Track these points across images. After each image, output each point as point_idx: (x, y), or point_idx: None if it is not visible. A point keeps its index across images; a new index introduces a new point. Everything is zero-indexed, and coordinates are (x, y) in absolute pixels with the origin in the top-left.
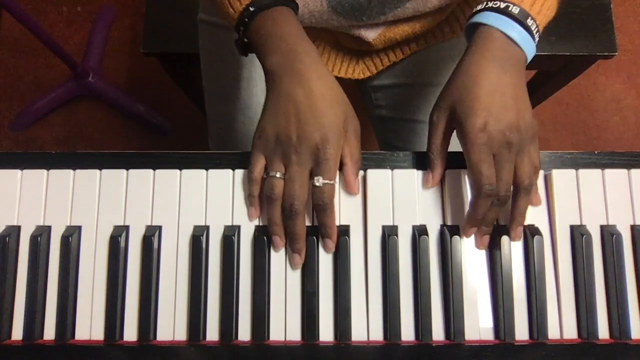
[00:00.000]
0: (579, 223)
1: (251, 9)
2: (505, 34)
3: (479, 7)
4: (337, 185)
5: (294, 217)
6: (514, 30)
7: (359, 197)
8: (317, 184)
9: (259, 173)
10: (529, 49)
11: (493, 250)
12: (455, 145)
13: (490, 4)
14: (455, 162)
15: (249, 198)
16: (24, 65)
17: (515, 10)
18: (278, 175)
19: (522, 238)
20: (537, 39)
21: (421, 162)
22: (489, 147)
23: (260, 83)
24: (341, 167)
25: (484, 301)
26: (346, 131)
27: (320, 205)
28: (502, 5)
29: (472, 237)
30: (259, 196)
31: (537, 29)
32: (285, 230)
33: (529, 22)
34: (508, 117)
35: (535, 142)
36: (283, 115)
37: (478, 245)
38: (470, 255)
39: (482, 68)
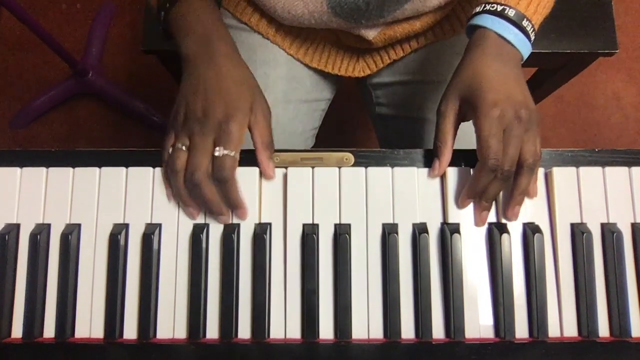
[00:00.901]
0: (579, 221)
1: None
2: (501, 36)
3: (478, 9)
4: (237, 158)
5: (197, 187)
6: (510, 33)
7: (360, 195)
8: (217, 153)
9: (168, 149)
10: (525, 49)
11: (493, 248)
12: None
13: (487, 7)
14: (456, 160)
15: (164, 175)
16: (24, 62)
17: (511, 13)
18: (181, 147)
19: (517, 218)
20: (532, 37)
21: (421, 160)
22: (501, 121)
23: (261, 81)
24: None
25: (484, 299)
26: (255, 114)
27: (220, 178)
28: (499, 8)
29: (472, 237)
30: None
31: (532, 28)
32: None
33: (525, 23)
34: (516, 95)
35: (538, 129)
36: (192, 94)
37: (477, 222)
38: (471, 253)
39: (484, 62)
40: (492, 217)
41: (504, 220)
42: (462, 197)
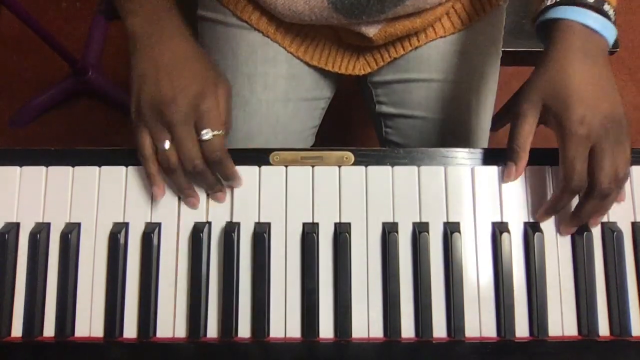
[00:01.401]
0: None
1: None
2: (585, 25)
3: (548, 2)
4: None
5: (200, 175)
6: (594, 20)
7: (360, 194)
8: (205, 137)
9: (149, 148)
10: (611, 34)
11: (494, 247)
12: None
13: None
14: (457, 160)
15: (148, 178)
16: (23, 61)
17: None
18: (167, 145)
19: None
20: (614, 19)
21: (422, 158)
22: (588, 140)
23: (261, 80)
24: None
25: (485, 298)
26: (219, 93)
27: (215, 160)
28: None
29: (472, 235)
30: (159, 172)
31: (613, 11)
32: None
33: (606, 7)
34: (603, 107)
35: (628, 135)
36: (151, 80)
37: (562, 233)
38: (471, 252)
39: (570, 60)
40: (492, 216)
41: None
42: (541, 213)
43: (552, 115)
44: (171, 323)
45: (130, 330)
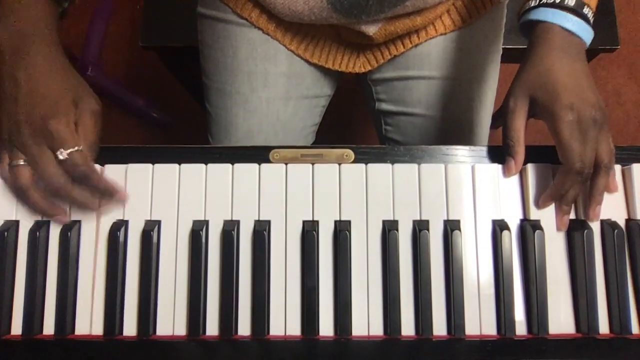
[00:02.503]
0: (579, 217)
1: None
2: (563, 28)
3: (532, 3)
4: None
5: (61, 192)
6: (572, 23)
7: (360, 192)
8: (61, 157)
9: (5, 168)
10: (588, 36)
11: (494, 245)
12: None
13: (544, 0)
14: (458, 157)
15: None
16: None
17: (571, 2)
18: (20, 162)
19: (599, 218)
20: (592, 21)
21: (422, 156)
22: (579, 125)
23: (261, 78)
24: None
25: (485, 296)
26: (80, 112)
27: (80, 176)
28: None
29: (472, 233)
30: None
31: (592, 13)
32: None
33: (585, 10)
34: (589, 96)
35: (609, 126)
36: (9, 101)
37: (559, 226)
38: (471, 250)
39: (553, 58)
40: (492, 214)
41: (582, 217)
42: (543, 198)
43: (542, 105)
44: (171, 321)
45: (130, 328)
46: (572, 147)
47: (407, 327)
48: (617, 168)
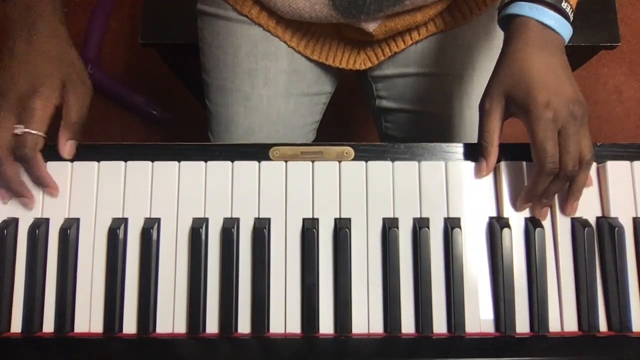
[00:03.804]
0: (580, 215)
1: None
2: (541, 22)
3: None
4: (42, 138)
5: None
6: (550, 18)
7: (360, 190)
8: (17, 132)
9: None
10: (566, 32)
11: (494, 243)
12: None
13: None
14: (458, 155)
15: None
16: None
17: None
18: None
19: (575, 214)
20: (572, 18)
21: (422, 154)
22: (555, 123)
23: (262, 75)
24: None
25: (485, 293)
26: (67, 93)
27: (21, 156)
28: None
29: (473, 231)
30: None
31: (571, 9)
32: None
33: (563, 5)
34: (567, 91)
35: (588, 119)
36: (2, 68)
37: (539, 216)
38: (471, 247)
39: (528, 54)
40: (492, 211)
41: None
42: (520, 200)
43: (518, 104)
44: (171, 319)
45: (129, 325)
46: (545, 147)
47: (407, 325)
48: (621, 165)
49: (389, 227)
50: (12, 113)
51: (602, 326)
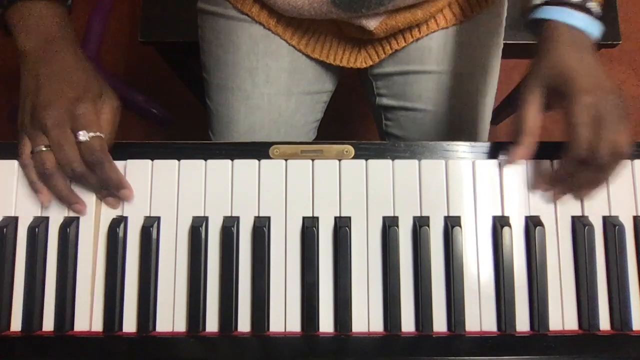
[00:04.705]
0: (580, 214)
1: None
2: (570, 25)
3: (537, 1)
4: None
5: (81, 178)
6: (577, 19)
7: (360, 188)
8: (82, 138)
9: (27, 155)
10: (595, 30)
11: (494, 241)
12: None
13: None
14: (458, 153)
15: (31, 186)
16: None
17: None
18: (43, 148)
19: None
20: (600, 14)
21: (422, 152)
22: (594, 109)
23: (263, 73)
24: None
25: (485, 292)
26: (103, 103)
27: (94, 162)
28: None
29: (473, 229)
30: (39, 179)
31: (599, 4)
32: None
33: (589, 4)
34: (607, 83)
35: (626, 114)
36: (32, 90)
37: (556, 197)
38: (472, 246)
39: (564, 51)
40: (493, 209)
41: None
42: (542, 180)
43: (559, 90)
44: (171, 317)
45: (129, 324)
46: (580, 132)
47: (407, 324)
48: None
49: (389, 225)
50: (64, 127)
51: (603, 325)
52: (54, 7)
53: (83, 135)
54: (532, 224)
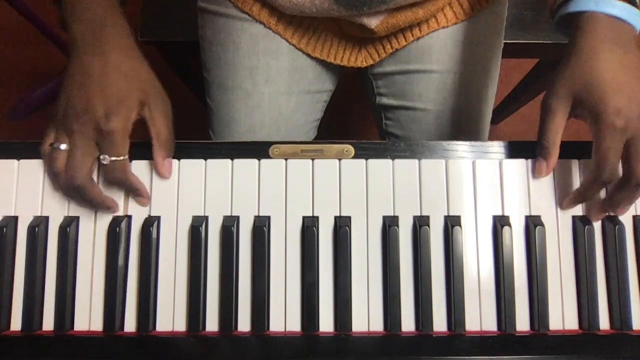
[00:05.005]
0: (581, 214)
1: None
2: (610, 15)
3: None
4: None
5: (79, 191)
6: (618, 8)
7: (360, 188)
8: (104, 162)
9: (46, 148)
10: (636, 20)
11: (494, 241)
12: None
13: None
14: (459, 153)
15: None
16: (21, 54)
17: None
18: (62, 147)
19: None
20: (638, 3)
21: (422, 152)
22: (624, 133)
23: (263, 72)
24: None
25: (485, 292)
26: (150, 110)
27: (114, 181)
28: None
29: (473, 229)
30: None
31: None
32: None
33: None
34: (639, 97)
35: None
36: (74, 86)
37: (593, 218)
38: (472, 245)
39: (599, 51)
40: (493, 209)
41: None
42: (568, 200)
43: (586, 107)
44: (171, 317)
45: (129, 324)
46: (608, 157)
47: (407, 323)
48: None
49: (389, 225)
50: (88, 137)
51: (603, 324)
52: None
53: (105, 160)
54: (533, 223)
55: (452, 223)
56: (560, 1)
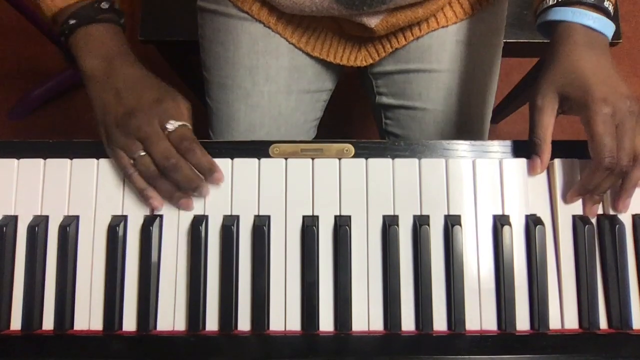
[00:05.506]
0: (581, 212)
1: (71, 22)
2: (585, 26)
3: (549, 2)
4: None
5: (179, 170)
6: (593, 20)
7: (360, 187)
8: (170, 127)
9: (129, 165)
10: (609, 30)
11: (494, 240)
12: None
13: None
14: (458, 152)
15: (142, 194)
16: (21, 53)
17: None
18: (142, 153)
19: (627, 210)
20: (612, 14)
21: (422, 151)
22: (613, 118)
23: (263, 71)
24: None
25: (485, 291)
26: (179, 107)
27: (186, 148)
28: None
29: (473, 228)
30: (148, 185)
31: (612, 5)
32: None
33: (606, 4)
34: (622, 88)
35: None
36: (111, 103)
37: (588, 213)
38: (472, 245)
39: (578, 53)
40: (493, 208)
41: (611, 212)
42: (571, 193)
43: (574, 101)
44: (171, 316)
45: (129, 323)
46: (604, 142)
47: (407, 323)
48: None
49: (389, 224)
50: (154, 123)
51: (603, 324)
52: (112, 27)
53: (171, 125)
54: (533, 222)
55: (452, 222)
56: (542, 8)
